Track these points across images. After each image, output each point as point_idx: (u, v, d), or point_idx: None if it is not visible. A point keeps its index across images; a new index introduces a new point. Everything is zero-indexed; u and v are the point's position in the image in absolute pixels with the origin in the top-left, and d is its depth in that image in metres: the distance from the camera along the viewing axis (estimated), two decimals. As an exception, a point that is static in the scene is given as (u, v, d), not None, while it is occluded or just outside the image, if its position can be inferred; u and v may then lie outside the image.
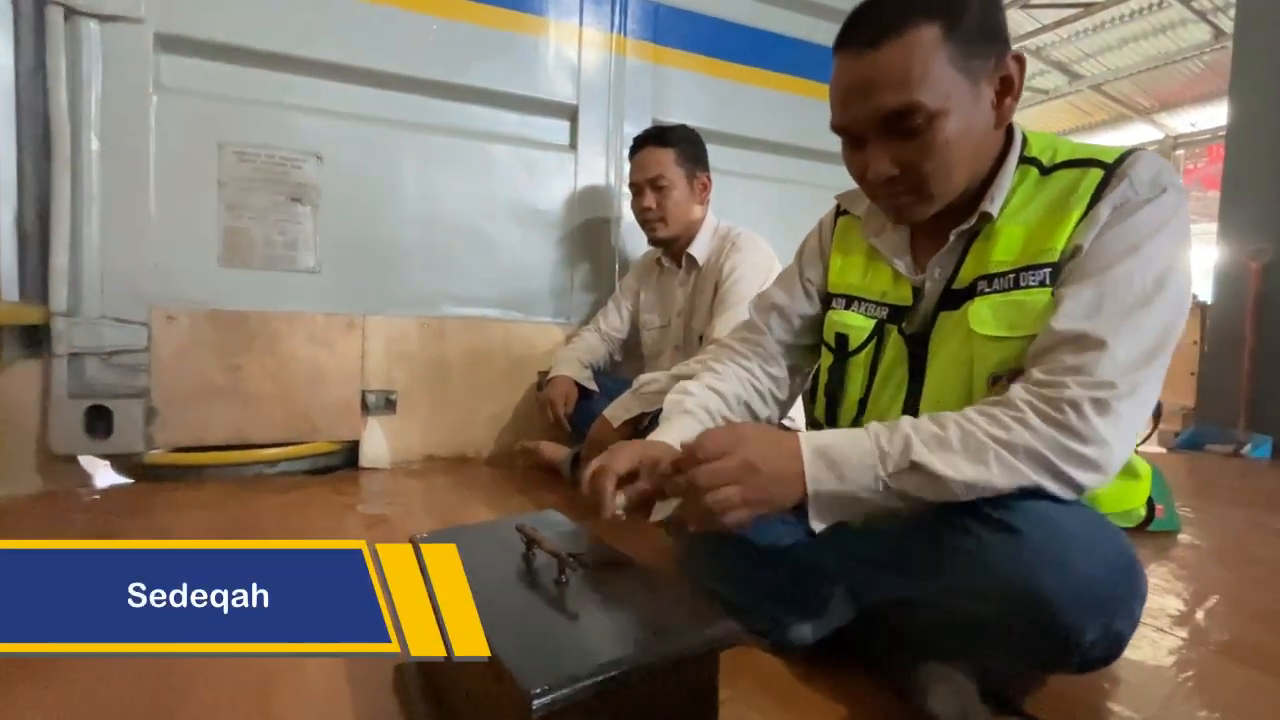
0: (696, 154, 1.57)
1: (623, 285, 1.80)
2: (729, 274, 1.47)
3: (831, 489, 0.61)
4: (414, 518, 1.26)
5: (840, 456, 0.61)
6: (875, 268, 0.80)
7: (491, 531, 0.67)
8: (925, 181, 0.66)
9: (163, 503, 1.30)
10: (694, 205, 1.56)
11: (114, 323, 1.43)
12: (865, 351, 0.79)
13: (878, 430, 0.62)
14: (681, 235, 1.57)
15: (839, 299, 0.83)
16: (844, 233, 0.86)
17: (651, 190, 1.54)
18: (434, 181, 1.71)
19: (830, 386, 0.83)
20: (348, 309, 1.63)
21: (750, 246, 1.50)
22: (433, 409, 1.72)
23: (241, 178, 1.53)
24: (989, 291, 0.68)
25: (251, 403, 1.53)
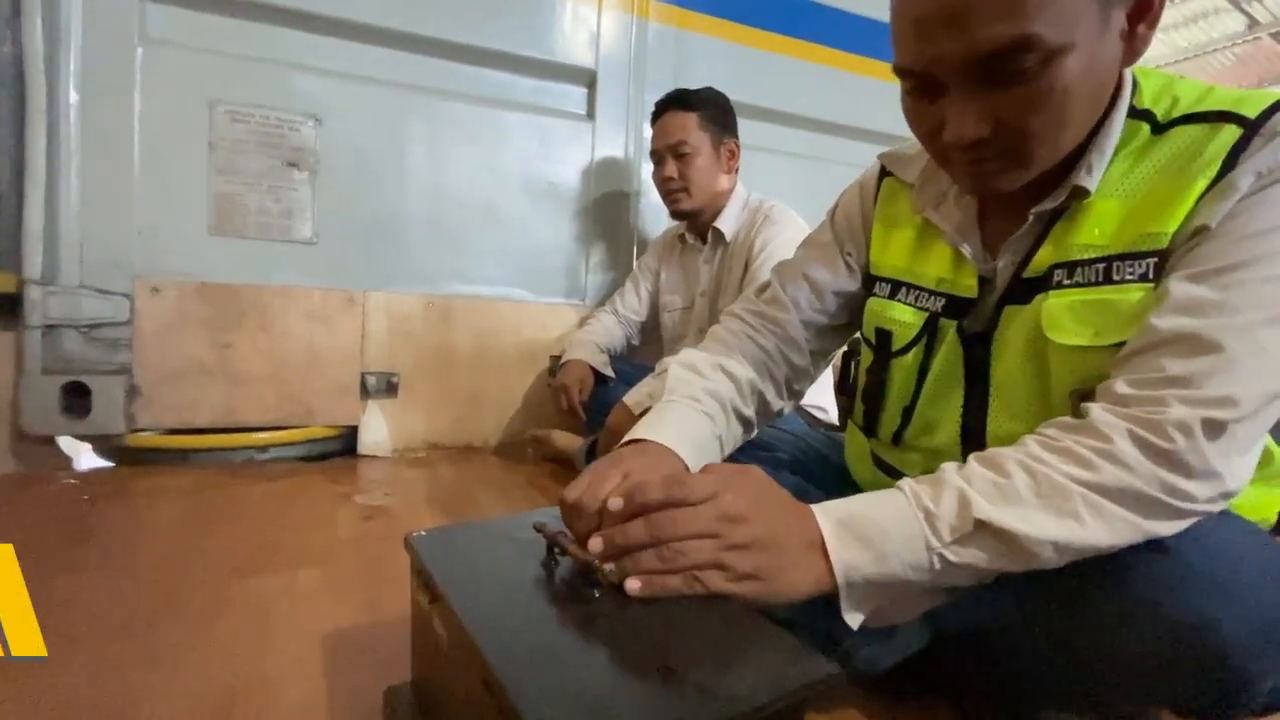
0: (723, 118, 1.44)
1: (641, 264, 1.68)
2: (761, 250, 1.34)
3: (869, 573, 0.45)
4: (414, 510, 1.14)
5: (873, 528, 0.46)
6: (930, 247, 0.65)
7: (503, 530, 0.55)
8: (1027, 143, 0.49)
9: (142, 488, 1.19)
10: (720, 174, 1.44)
11: (94, 293, 1.32)
12: (913, 352, 0.64)
13: (913, 488, 0.47)
14: (707, 208, 1.45)
15: (881, 283, 0.68)
16: (889, 199, 0.69)
17: (674, 158, 1.42)
18: (441, 149, 1.59)
19: (869, 391, 0.69)
20: (347, 284, 1.51)
21: (785, 220, 1.38)
22: (437, 394, 1.61)
23: (234, 139, 1.41)
24: (1068, 285, 0.53)
25: (242, 383, 1.42)
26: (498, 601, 0.44)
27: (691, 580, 0.44)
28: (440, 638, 0.47)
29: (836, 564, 0.45)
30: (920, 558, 0.45)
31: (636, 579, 0.44)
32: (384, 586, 0.81)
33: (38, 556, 0.87)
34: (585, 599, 0.44)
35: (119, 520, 1.03)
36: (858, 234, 0.73)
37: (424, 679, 0.55)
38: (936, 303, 0.63)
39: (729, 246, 1.44)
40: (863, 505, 0.48)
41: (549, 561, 0.49)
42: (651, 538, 0.45)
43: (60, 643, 0.67)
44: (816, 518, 0.47)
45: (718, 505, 0.46)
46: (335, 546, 0.94)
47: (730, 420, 0.67)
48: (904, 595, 0.47)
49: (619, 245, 1.81)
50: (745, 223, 1.43)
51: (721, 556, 0.44)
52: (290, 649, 0.67)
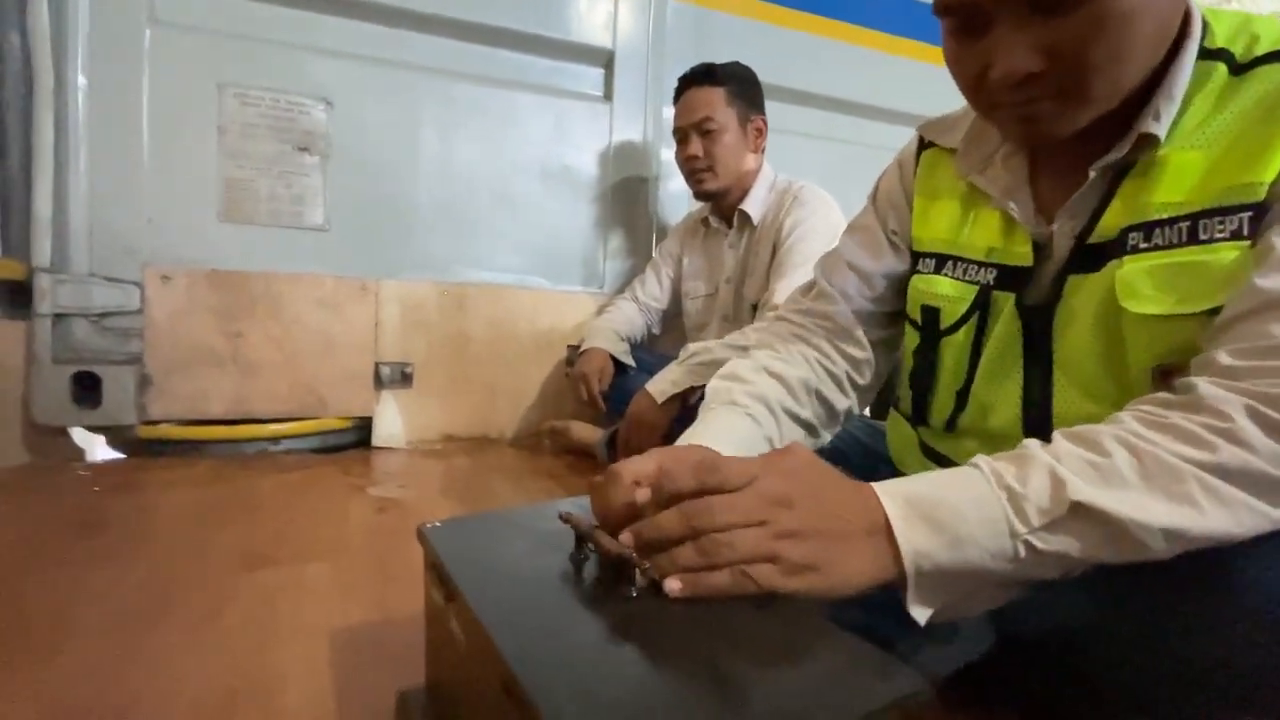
0: (750, 94, 1.38)
1: (662, 250, 1.62)
2: (790, 231, 1.28)
3: (941, 560, 0.39)
4: (429, 502, 1.10)
5: (946, 510, 0.39)
6: (977, 215, 0.59)
7: (525, 521, 0.50)
8: (1083, 77, 0.44)
9: (152, 480, 1.16)
10: (747, 153, 1.38)
11: (103, 281, 1.29)
12: (964, 329, 0.58)
13: (993, 466, 0.41)
14: (733, 188, 1.39)
15: (925, 258, 0.62)
16: (930, 170, 0.64)
17: (698, 135, 1.36)
18: (455, 132, 1.55)
19: (917, 375, 0.63)
20: (360, 272, 1.48)
21: (816, 201, 1.31)
22: (452, 384, 1.57)
23: (244, 123, 1.38)
24: (1145, 248, 0.47)
25: (254, 373, 1.39)
26: (521, 599, 0.39)
27: (740, 577, 0.38)
28: (457, 639, 0.42)
29: (905, 549, 0.39)
30: (1002, 544, 0.39)
31: (676, 578, 0.38)
32: (396, 581, 0.77)
33: (44, 549, 0.84)
34: (620, 598, 0.39)
35: (127, 512, 1.00)
36: (901, 210, 0.67)
37: (439, 682, 0.50)
38: (987, 275, 0.57)
39: (756, 230, 1.38)
40: (932, 484, 0.42)
41: (577, 555, 0.43)
42: (688, 529, 0.39)
43: (58, 639, 0.63)
44: (879, 497, 0.41)
45: (760, 488, 0.40)
46: (346, 539, 0.90)
47: (782, 421, 0.62)
48: (979, 588, 0.41)
49: (638, 231, 1.75)
50: (773, 204, 1.36)
51: (771, 546, 0.38)
52: (296, 647, 0.62)
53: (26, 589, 0.73)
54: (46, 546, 0.85)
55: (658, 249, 1.64)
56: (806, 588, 0.38)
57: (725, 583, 0.38)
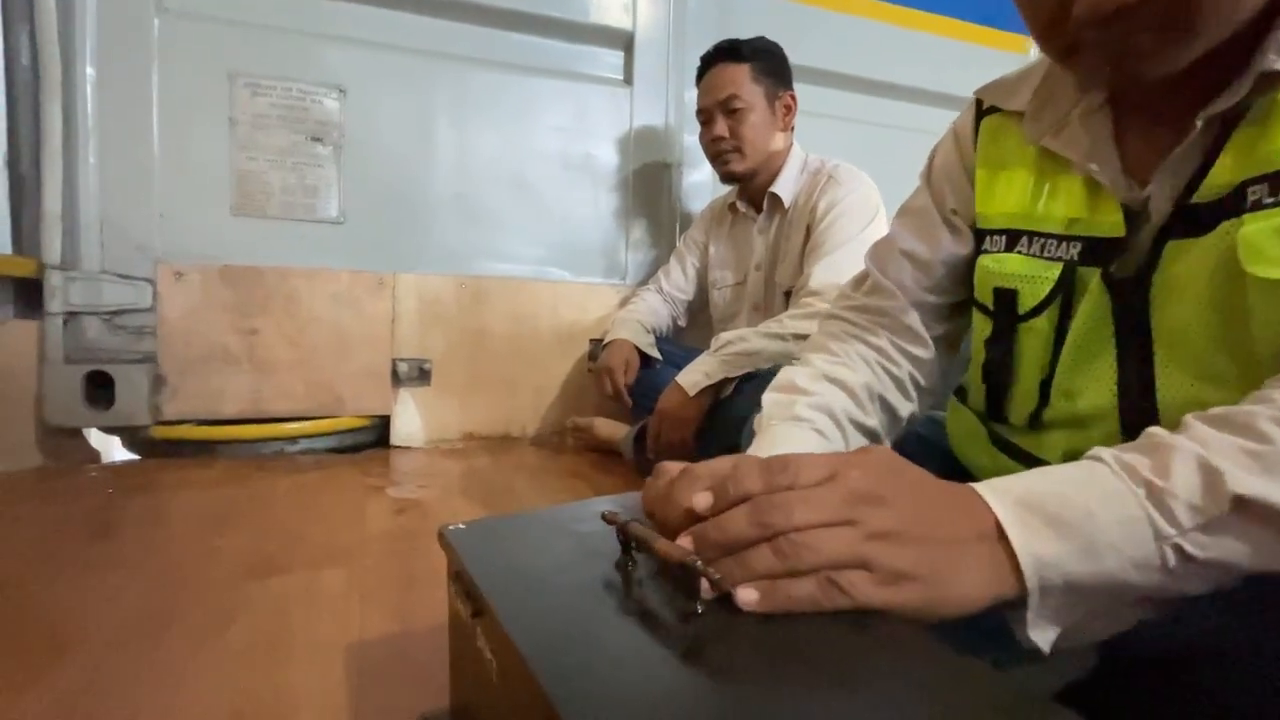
0: (778, 69, 1.30)
1: (687, 238, 1.55)
2: (826, 212, 1.20)
3: (1072, 571, 0.32)
4: (449, 503, 1.05)
5: (1072, 510, 0.32)
6: (1054, 184, 0.52)
7: (559, 522, 0.44)
8: (1188, 3, 0.37)
9: (166, 481, 1.12)
10: (775, 132, 1.30)
11: (115, 279, 1.26)
12: (1047, 313, 0.51)
13: (1120, 457, 0.34)
14: (761, 170, 1.32)
15: (994, 236, 0.55)
16: (992, 138, 0.57)
17: (724, 115, 1.28)
18: (471, 120, 1.50)
19: (991, 367, 0.56)
20: (376, 266, 1.43)
21: (853, 180, 1.24)
22: (472, 380, 1.51)
23: (255, 114, 1.34)
24: (1271, 203, 0.39)
25: (269, 371, 1.35)
26: (561, 615, 0.33)
27: (827, 586, 0.31)
28: (486, 659, 0.36)
29: (1025, 559, 0.32)
30: (1147, 551, 0.31)
31: (751, 587, 0.31)
32: (417, 589, 0.71)
33: (53, 555, 0.80)
34: (680, 613, 0.32)
35: (138, 516, 0.95)
36: (960, 186, 0.59)
37: (465, 705, 0.44)
38: (1070, 249, 0.50)
39: (787, 213, 1.31)
40: (1047, 481, 0.35)
41: (624, 562, 0.37)
42: (761, 528, 0.32)
43: (60, 651, 0.59)
44: (985, 497, 0.34)
45: (842, 483, 0.33)
46: (364, 543, 0.85)
47: (849, 434, 0.56)
48: (1113, 606, 0.33)
49: (660, 220, 1.69)
50: (805, 186, 1.29)
51: (865, 550, 0.31)
52: (309, 664, 0.57)
53: (32, 597, 0.69)
54: (56, 552, 0.81)
55: (682, 237, 1.57)
56: (908, 602, 0.31)
57: (809, 593, 0.31)
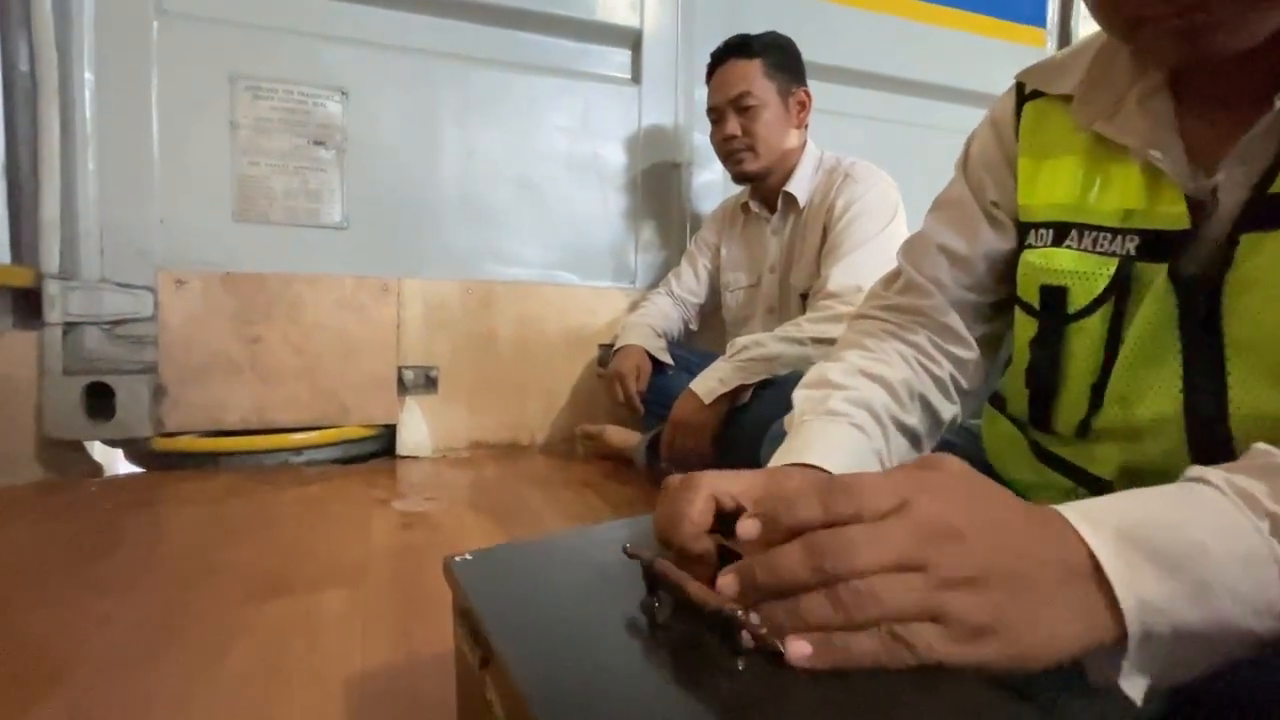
0: (790, 64, 1.26)
1: (698, 240, 1.51)
2: (844, 211, 1.16)
3: (1182, 617, 0.27)
4: (457, 517, 1.01)
5: (1180, 543, 0.27)
6: (1107, 172, 0.48)
7: (575, 551, 0.40)
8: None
9: (166, 496, 1.09)
10: (789, 129, 1.26)
11: (115, 287, 1.23)
12: (1100, 312, 0.47)
13: (1236, 482, 0.29)
14: (775, 168, 1.27)
15: (1040, 230, 0.51)
16: (1035, 124, 0.53)
17: (735, 112, 1.24)
18: (476, 122, 1.46)
19: (1036, 371, 0.52)
20: (380, 271, 1.40)
21: (871, 178, 1.19)
22: (479, 388, 1.48)
23: (257, 117, 1.31)
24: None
25: (273, 380, 1.32)
26: (581, 669, 0.29)
27: (892, 642, 0.27)
28: (496, 715, 0.32)
29: (1127, 602, 0.27)
30: (1271, 594, 0.27)
31: (803, 640, 0.27)
32: (423, 613, 0.67)
33: (47, 574, 0.77)
34: (718, 667, 0.28)
35: (136, 532, 0.92)
36: (1001, 176, 0.56)
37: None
38: (1126, 244, 0.46)
39: (802, 212, 1.26)
40: (1149, 507, 0.29)
41: (649, 602, 0.33)
42: (817, 572, 0.28)
43: (49, 680, 0.55)
44: (1076, 525, 0.28)
45: (915, 515, 0.28)
46: (368, 561, 0.81)
47: (890, 432, 0.51)
48: (1220, 648, 0.28)
49: (670, 221, 1.65)
50: (821, 184, 1.25)
51: (936, 600, 0.27)
52: (307, 697, 0.53)
53: (24, 620, 0.66)
54: (50, 571, 0.78)
55: (693, 239, 1.53)
56: (986, 660, 0.27)
57: (871, 649, 0.27)
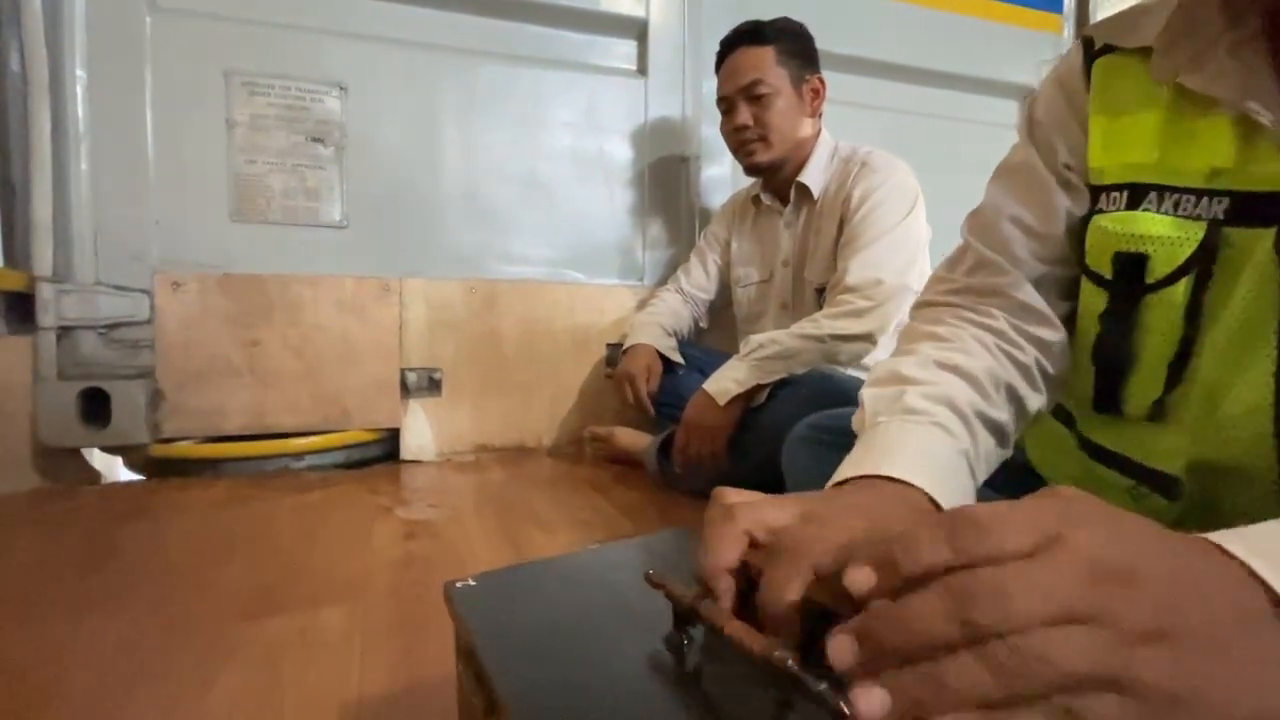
0: (804, 50, 1.22)
1: (707, 235, 1.47)
2: (862, 201, 1.12)
3: None
4: (461, 525, 0.97)
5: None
6: (1192, 128, 0.43)
7: (585, 574, 0.36)
8: None
9: (162, 504, 1.06)
10: (803, 118, 1.22)
11: (110, 290, 1.20)
12: (1183, 282, 0.43)
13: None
14: (789, 159, 1.23)
15: (1112, 193, 0.47)
16: (1109, 80, 0.48)
17: (747, 101, 1.20)
18: (479, 117, 1.43)
19: (1105, 347, 0.47)
20: (382, 271, 1.36)
21: (889, 167, 1.15)
22: (484, 389, 1.44)
23: (254, 115, 1.28)
24: None
25: (272, 384, 1.28)
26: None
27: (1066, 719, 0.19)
28: (502, 772, 0.28)
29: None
30: None
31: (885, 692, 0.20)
32: (426, 630, 0.64)
33: (34, 590, 0.74)
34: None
35: (129, 544, 0.89)
36: (1073, 136, 0.51)
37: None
38: (1214, 206, 0.41)
39: (817, 204, 1.22)
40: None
41: (678, 641, 0.29)
42: (966, 626, 0.20)
43: (29, 706, 0.52)
44: (1244, 559, 0.21)
45: (1071, 554, 0.21)
46: (369, 574, 0.77)
47: (976, 429, 0.45)
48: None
49: (678, 217, 1.61)
50: (836, 175, 1.20)
51: (1121, 662, 0.19)
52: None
53: (9, 641, 0.62)
54: (39, 587, 0.75)
55: (702, 234, 1.49)
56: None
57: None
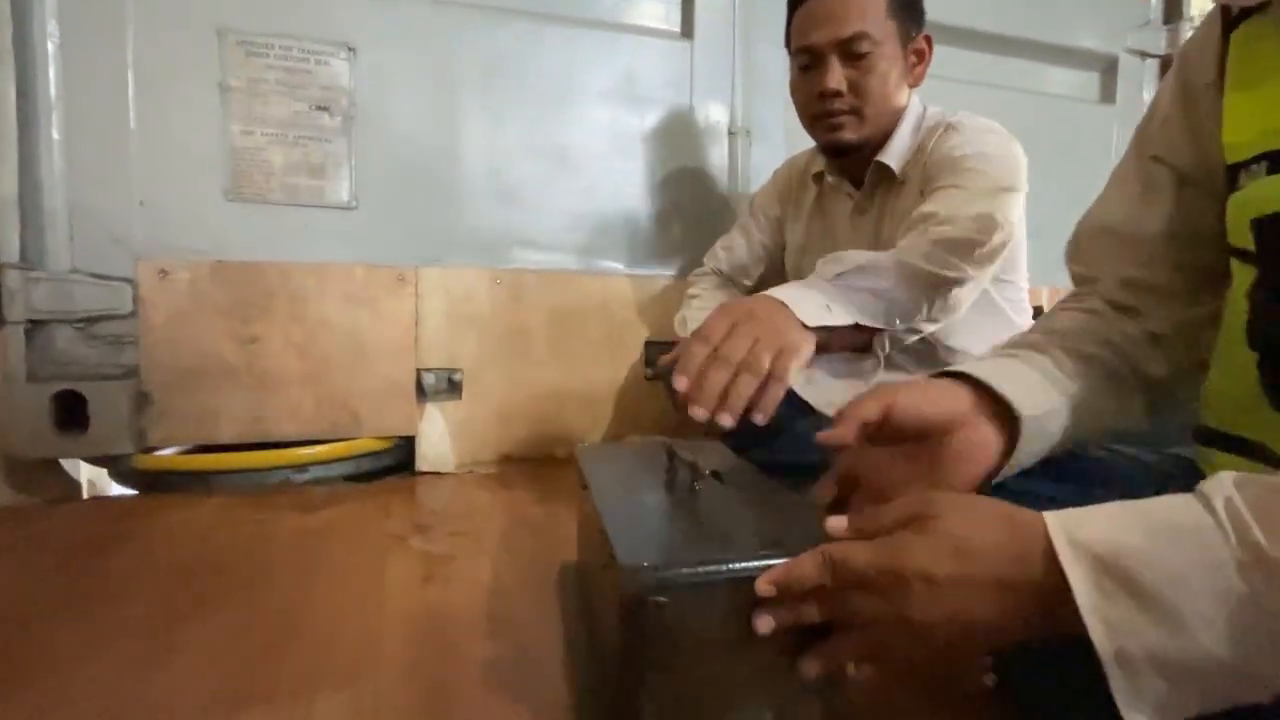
0: (913, 1, 0.98)
1: (754, 209, 1.24)
2: (947, 162, 0.92)
3: (1154, 646, 0.27)
4: (490, 562, 0.82)
5: (1159, 569, 0.28)
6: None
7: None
8: None
9: (142, 528, 0.92)
10: (904, 87, 0.99)
11: (88, 279, 1.05)
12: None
13: (1243, 509, 0.28)
14: (880, 135, 1.01)
15: (1250, 166, 0.43)
16: (1246, 51, 0.45)
17: (843, 60, 0.93)
18: (503, 84, 1.26)
19: (1260, 323, 0.42)
20: (395, 259, 1.21)
21: (980, 125, 0.96)
22: (509, 392, 1.28)
23: (250, 79, 1.12)
24: None
25: (272, 386, 1.13)
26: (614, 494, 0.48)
27: None
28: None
29: (1102, 628, 0.28)
30: (1249, 636, 0.26)
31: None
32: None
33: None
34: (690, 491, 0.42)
35: (88, 588, 0.73)
36: (1213, 106, 0.47)
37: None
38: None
39: (898, 183, 1.03)
40: (1133, 529, 0.29)
41: (670, 468, 0.38)
42: None
43: None
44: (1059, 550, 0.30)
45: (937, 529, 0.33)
46: (378, 640, 0.62)
47: (1061, 357, 0.50)
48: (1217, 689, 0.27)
49: (727, 200, 1.43)
50: (919, 145, 1.01)
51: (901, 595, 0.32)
52: None
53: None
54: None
55: (750, 207, 1.28)
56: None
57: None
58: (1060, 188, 1.12)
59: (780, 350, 0.57)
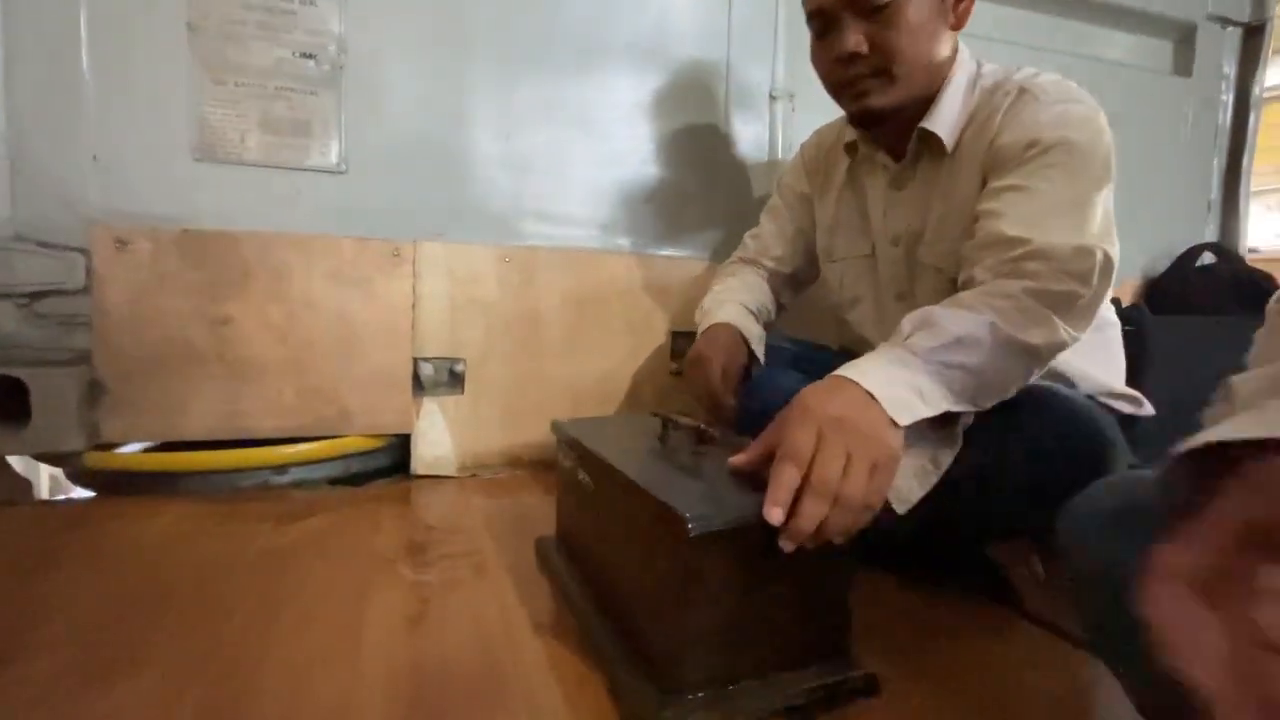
0: None
1: (781, 187, 1.08)
2: (1026, 131, 0.76)
3: None
4: (495, 595, 0.68)
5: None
6: None
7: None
8: None
9: (86, 543, 0.78)
10: (943, 32, 0.81)
11: (33, 248, 0.91)
12: None
13: None
14: (918, 97, 0.83)
15: None
16: None
17: (857, 17, 0.78)
18: (513, 31, 1.11)
19: None
20: (391, 232, 1.06)
21: (1060, 93, 0.78)
22: (518, 386, 1.14)
23: (223, 19, 0.97)
24: None
25: (248, 375, 0.99)
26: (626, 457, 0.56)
27: None
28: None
29: None
30: None
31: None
32: None
33: None
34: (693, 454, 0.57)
35: (15, 624, 0.60)
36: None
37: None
38: None
39: (951, 157, 0.85)
40: None
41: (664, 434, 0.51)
42: None
43: None
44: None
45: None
46: (350, 705, 0.48)
47: None
48: None
49: (765, 171, 1.28)
50: (979, 110, 0.83)
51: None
52: None
53: None
54: None
55: (777, 186, 1.12)
56: None
57: None
58: (1122, 172, 0.90)
59: (874, 466, 0.53)
